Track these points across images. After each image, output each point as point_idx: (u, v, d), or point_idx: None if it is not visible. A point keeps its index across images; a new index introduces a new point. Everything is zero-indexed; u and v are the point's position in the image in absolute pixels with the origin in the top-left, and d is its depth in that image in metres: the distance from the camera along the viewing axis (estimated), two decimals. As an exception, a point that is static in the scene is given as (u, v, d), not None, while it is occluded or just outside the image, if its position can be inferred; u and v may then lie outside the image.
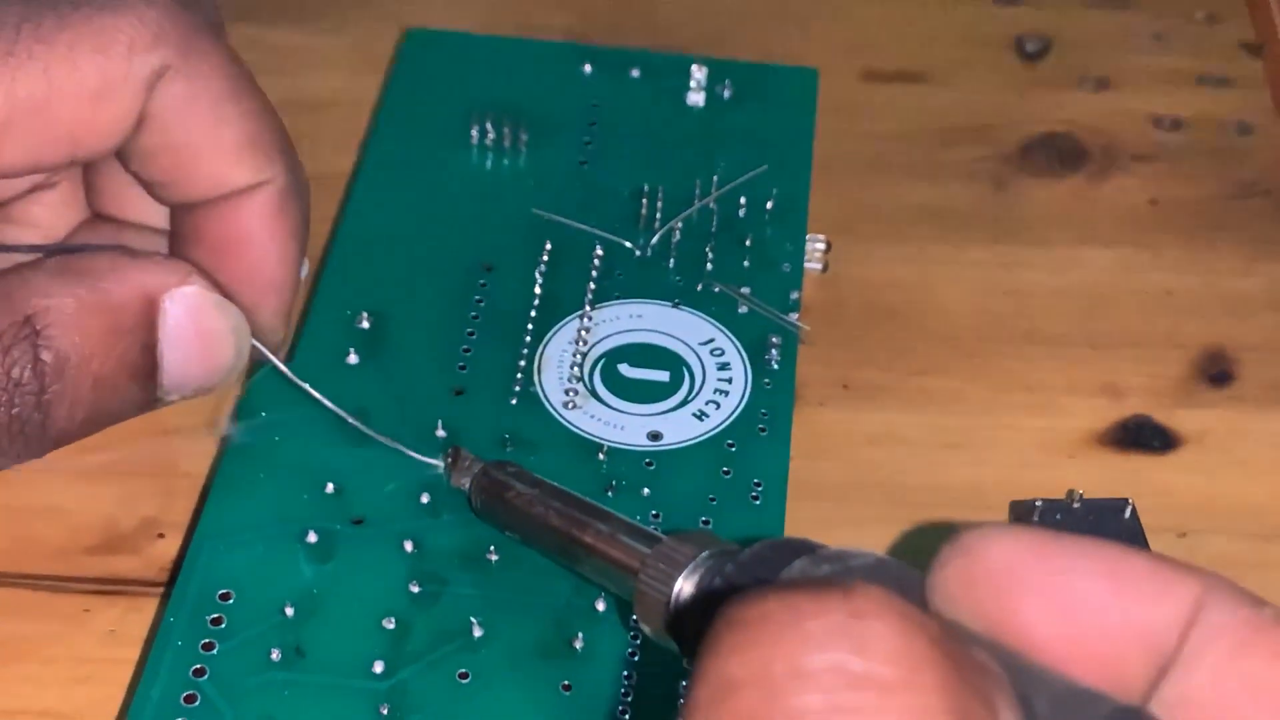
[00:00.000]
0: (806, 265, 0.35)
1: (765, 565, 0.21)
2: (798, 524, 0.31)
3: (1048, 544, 0.18)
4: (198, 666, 0.27)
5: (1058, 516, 0.30)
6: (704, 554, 0.23)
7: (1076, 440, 0.33)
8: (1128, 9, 0.44)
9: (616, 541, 0.26)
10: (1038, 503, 0.30)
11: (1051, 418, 0.34)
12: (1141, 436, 0.34)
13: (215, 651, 0.27)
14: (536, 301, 0.34)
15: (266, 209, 0.30)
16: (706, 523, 0.30)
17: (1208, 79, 0.42)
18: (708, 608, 0.22)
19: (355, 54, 0.41)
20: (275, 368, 0.31)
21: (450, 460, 0.30)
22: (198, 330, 0.29)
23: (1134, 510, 0.30)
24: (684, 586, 0.23)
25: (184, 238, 0.31)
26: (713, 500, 0.30)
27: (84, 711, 0.28)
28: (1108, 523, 0.30)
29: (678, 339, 0.33)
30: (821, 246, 0.36)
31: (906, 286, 0.36)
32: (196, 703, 0.26)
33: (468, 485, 0.29)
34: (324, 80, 0.40)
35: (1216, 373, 0.35)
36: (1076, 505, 0.30)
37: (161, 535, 0.30)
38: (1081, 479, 0.31)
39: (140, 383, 0.29)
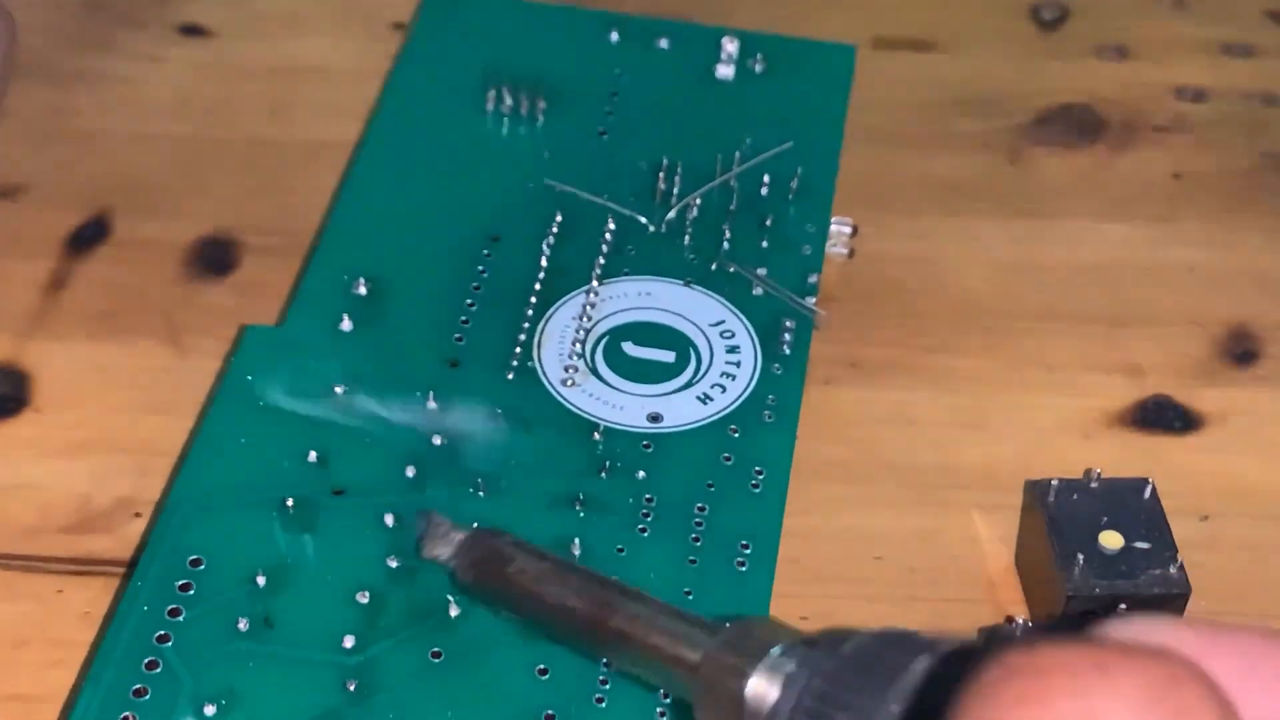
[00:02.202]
0: (831, 250, 0.34)
1: (875, 665, 0.19)
2: (806, 505, 0.30)
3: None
4: (161, 633, 0.26)
5: (1075, 495, 0.29)
6: (777, 648, 0.20)
7: (1094, 420, 0.33)
8: (1148, -25, 0.43)
9: (658, 629, 0.23)
10: (1054, 482, 0.29)
11: (1069, 397, 0.33)
12: (1162, 417, 0.33)
13: (181, 618, 0.26)
14: (542, 274, 0.32)
15: None
16: (703, 509, 0.28)
17: (1232, 48, 0.41)
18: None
19: (367, 21, 0.40)
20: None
21: (424, 527, 0.27)
22: None
23: (1154, 490, 0.29)
24: (759, 685, 0.20)
25: None
26: (710, 486, 0.29)
27: (57, 695, 0.27)
28: (1127, 503, 0.28)
29: (686, 319, 0.32)
30: (847, 230, 0.34)
31: (917, 261, 0.35)
32: (158, 670, 0.26)
33: (444, 556, 0.26)
34: (330, 47, 0.40)
35: (1240, 352, 0.34)
36: (1094, 485, 0.29)
37: (138, 514, 0.30)
38: (1099, 459, 0.30)
39: None
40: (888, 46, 0.40)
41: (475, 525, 0.26)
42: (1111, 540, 0.28)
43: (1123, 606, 0.27)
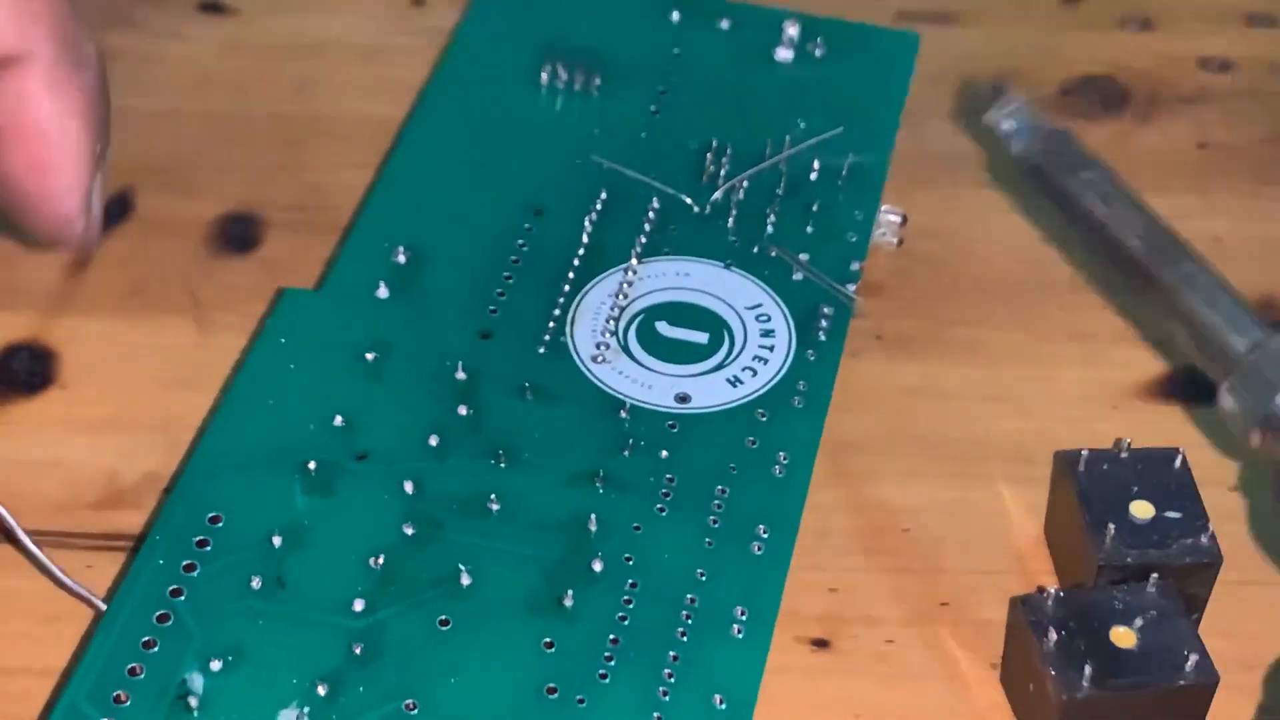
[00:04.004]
0: (880, 238, 0.36)
1: None
2: (833, 478, 0.32)
3: None
4: (175, 587, 0.28)
5: (1104, 466, 0.30)
6: None
7: (1124, 391, 0.34)
8: (1174, -58, 0.44)
9: (1211, 303, 0.27)
10: (1084, 452, 0.30)
11: (1097, 368, 0.35)
12: (1192, 388, 0.34)
13: (196, 574, 0.28)
14: (582, 250, 0.35)
15: (31, 85, 0.28)
16: (723, 491, 0.31)
17: (1258, 18, 0.43)
18: None
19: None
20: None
21: (995, 93, 0.29)
22: None
23: (1184, 460, 0.30)
24: None
25: None
26: (733, 469, 0.31)
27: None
28: (1157, 472, 0.30)
29: (723, 301, 0.34)
30: (896, 220, 0.36)
31: (941, 234, 0.37)
32: (169, 623, 0.28)
33: (1006, 128, 0.29)
34: (351, 24, 0.42)
35: (1270, 321, 0.34)
36: (1124, 455, 0.30)
37: (167, 490, 0.31)
38: (1129, 430, 0.31)
39: None
40: (911, 20, 0.41)
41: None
42: (1142, 510, 0.29)
43: (1154, 576, 0.28)
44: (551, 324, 0.33)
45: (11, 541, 0.30)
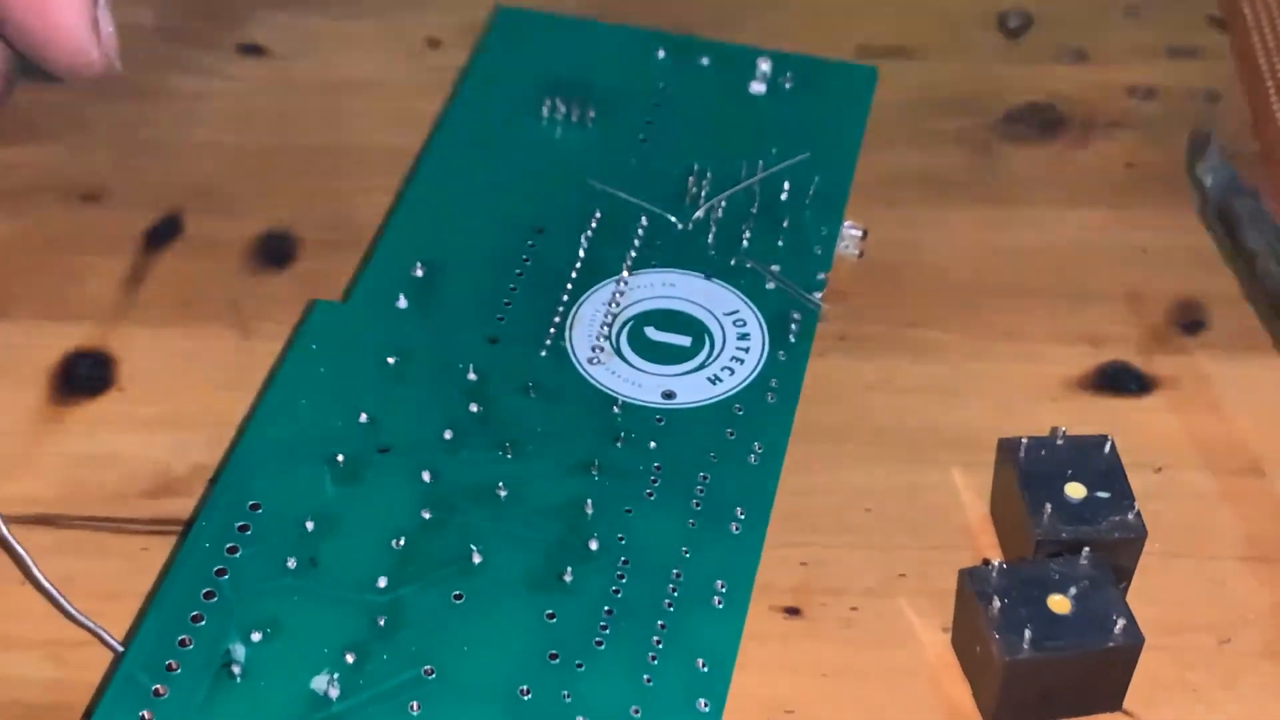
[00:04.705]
0: (843, 251, 0.36)
1: None
2: (804, 461, 0.32)
3: None
4: (219, 567, 0.28)
5: (1042, 452, 0.30)
6: None
7: (1059, 385, 0.34)
8: (1105, -15, 0.45)
9: None
10: (1024, 440, 0.30)
11: (1036, 364, 0.35)
12: (1119, 381, 0.35)
13: (238, 555, 0.29)
14: (579, 264, 0.35)
15: None
16: (705, 478, 0.31)
17: (1177, 50, 0.43)
18: None
19: (406, 40, 0.43)
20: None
21: None
22: None
23: (1113, 446, 0.30)
24: None
25: None
26: (713, 456, 0.31)
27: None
28: (1088, 457, 0.30)
29: (704, 308, 0.34)
30: (858, 234, 0.37)
31: (900, 245, 0.37)
32: (214, 599, 0.28)
33: None
34: (374, 63, 0.42)
35: (1188, 322, 0.36)
36: (1060, 442, 0.30)
37: (213, 480, 0.32)
38: (1064, 420, 0.32)
39: None
40: (871, 54, 0.42)
41: None
42: (1076, 491, 0.30)
43: (1087, 550, 0.29)
44: (552, 330, 0.33)
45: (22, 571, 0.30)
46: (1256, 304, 0.35)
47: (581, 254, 0.35)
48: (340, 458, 0.30)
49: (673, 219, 0.36)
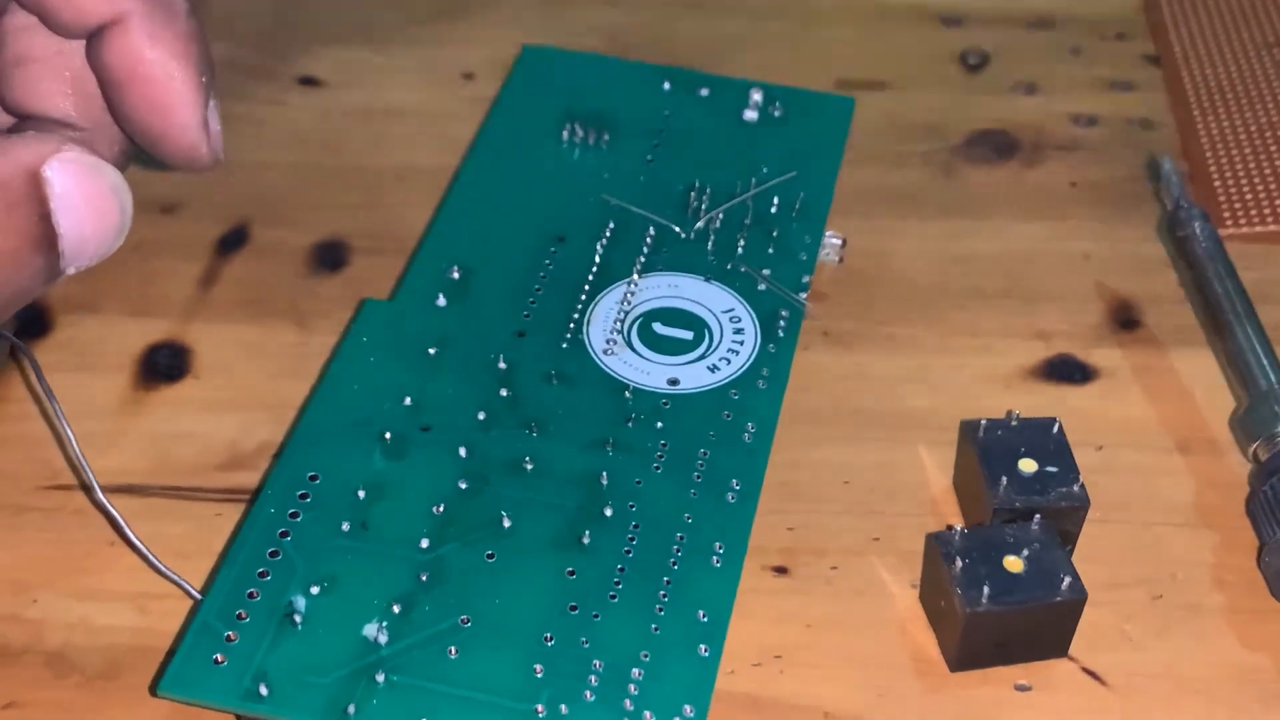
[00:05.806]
0: (825, 257, 0.36)
1: None
2: (790, 442, 0.32)
3: None
4: (283, 530, 0.29)
5: (998, 432, 0.30)
6: None
7: (1013, 374, 0.34)
8: (1053, 28, 0.45)
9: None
10: (982, 422, 0.30)
11: (992, 357, 0.35)
12: (1065, 371, 0.34)
13: (299, 520, 0.29)
14: (595, 268, 0.34)
15: (134, 41, 0.26)
16: (705, 454, 0.30)
17: (1117, 84, 0.43)
18: None
19: (444, 73, 0.43)
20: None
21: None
22: (83, 194, 0.25)
23: (1060, 427, 0.30)
24: None
25: (105, 87, 0.27)
26: (712, 435, 0.31)
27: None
28: (1040, 436, 0.30)
29: (704, 306, 0.34)
30: (838, 243, 0.36)
31: (873, 254, 0.37)
32: (278, 558, 0.28)
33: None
34: (416, 93, 0.42)
35: (1125, 320, 0.36)
36: (1014, 424, 0.30)
37: (277, 455, 0.32)
38: (1017, 404, 0.32)
39: (43, 254, 0.24)
40: (849, 86, 0.42)
41: None
42: (1028, 466, 0.29)
43: (1038, 517, 0.29)
44: (572, 325, 0.33)
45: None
46: (1195, 305, 0.35)
47: (597, 259, 0.35)
48: (388, 435, 0.30)
49: (677, 229, 0.36)
